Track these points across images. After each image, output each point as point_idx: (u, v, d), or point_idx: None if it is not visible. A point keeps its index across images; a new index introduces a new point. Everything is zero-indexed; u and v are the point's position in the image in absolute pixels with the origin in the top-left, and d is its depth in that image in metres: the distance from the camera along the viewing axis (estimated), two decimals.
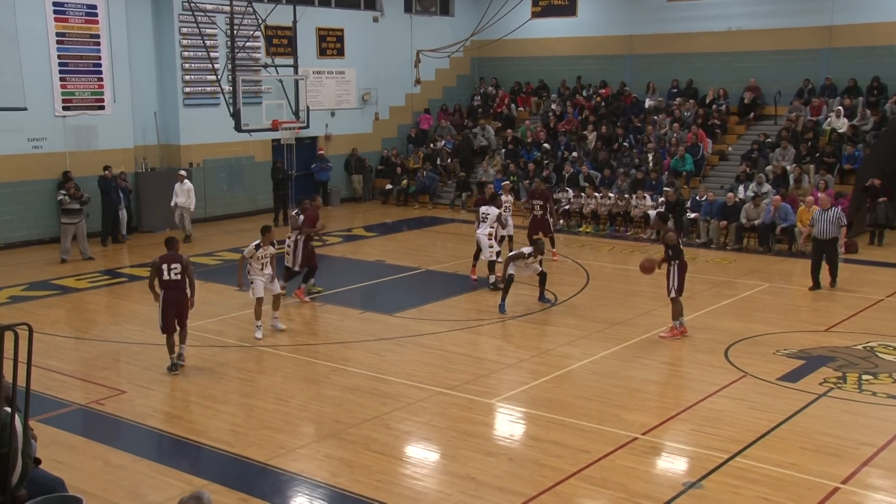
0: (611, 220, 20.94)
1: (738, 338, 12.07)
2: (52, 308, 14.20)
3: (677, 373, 10.68)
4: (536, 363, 11.14)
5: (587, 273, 16.39)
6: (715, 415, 9.26)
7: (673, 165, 21.93)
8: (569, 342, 12.00)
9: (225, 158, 22.86)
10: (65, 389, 10.19)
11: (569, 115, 25.69)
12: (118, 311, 14.25)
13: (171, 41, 21.61)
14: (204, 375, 10.81)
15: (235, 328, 12.93)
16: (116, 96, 20.51)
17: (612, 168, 22.60)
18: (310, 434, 8.98)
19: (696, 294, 14.76)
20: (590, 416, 9.24)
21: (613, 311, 13.66)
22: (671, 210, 19.72)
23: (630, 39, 26.43)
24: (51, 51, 19.30)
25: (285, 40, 22.60)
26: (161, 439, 8.89)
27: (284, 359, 11.44)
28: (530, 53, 28.21)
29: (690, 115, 23.82)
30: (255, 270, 12.34)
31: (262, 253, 12.31)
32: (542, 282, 14.04)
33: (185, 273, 10.84)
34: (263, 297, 12.36)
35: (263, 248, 12.32)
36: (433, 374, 10.66)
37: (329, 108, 25.44)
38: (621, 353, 11.47)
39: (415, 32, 26.98)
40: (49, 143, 19.49)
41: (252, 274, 12.36)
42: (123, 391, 10.16)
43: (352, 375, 10.67)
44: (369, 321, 13.43)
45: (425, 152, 26.53)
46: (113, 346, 12.08)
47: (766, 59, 24.08)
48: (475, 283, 15.57)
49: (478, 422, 9.23)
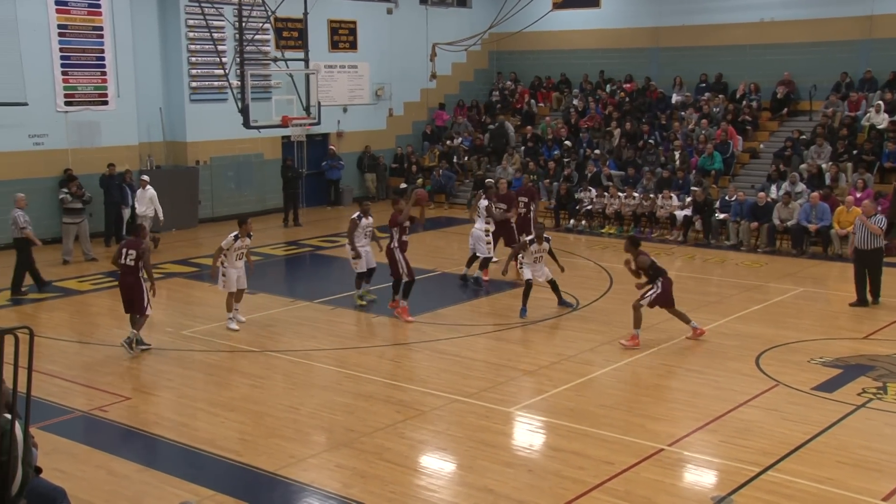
0: (635, 220, 20.86)
1: (770, 345, 11.98)
2: (53, 311, 14.30)
3: (705, 381, 10.62)
4: (557, 370, 11.10)
5: (610, 276, 16.34)
6: (746, 426, 9.20)
7: (701, 164, 21.82)
8: (591, 348, 11.96)
9: (233, 156, 22.96)
10: (67, 395, 10.25)
11: (591, 112, 25.63)
12: (122, 315, 14.28)
13: (177, 34, 21.74)
14: (211, 382, 10.85)
15: (244, 332, 12.97)
16: (120, 91, 20.64)
17: (637, 166, 22.52)
18: (321, 443, 8.99)
19: (725, 299, 14.68)
20: (613, 425, 9.20)
21: None
22: (699, 210, 19.67)
23: (656, 32, 26.34)
24: (52, 43, 19.45)
25: (296, 33, 22.65)
26: (167, 448, 8.92)
27: (295, 364, 11.46)
28: (551, 47, 28.17)
29: (720, 110, 23.70)
30: (230, 262, 12.95)
31: (240, 244, 12.96)
32: (555, 288, 14.00)
33: (140, 261, 11.71)
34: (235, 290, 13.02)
35: (241, 239, 12.96)
36: (449, 381, 10.65)
37: (341, 104, 25.50)
38: (646, 361, 11.41)
39: (430, 25, 27.01)
40: (50, 139, 19.64)
41: (227, 265, 12.95)
42: (128, 397, 10.21)
43: (365, 382, 10.67)
44: (383, 325, 13.43)
45: (441, 150, 26.54)
46: (117, 351, 12.14)
47: (800, 52, 23.92)
48: (487, 284, 15.58)
49: (496, 431, 9.21)
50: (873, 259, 14.09)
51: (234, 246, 12.86)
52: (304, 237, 20.67)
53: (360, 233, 14.06)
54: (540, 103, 27.87)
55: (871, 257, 14.07)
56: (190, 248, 19.54)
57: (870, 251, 14.02)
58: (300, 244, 19.98)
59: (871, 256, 14.06)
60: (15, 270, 15.17)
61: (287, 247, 19.70)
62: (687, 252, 18.83)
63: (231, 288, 13.02)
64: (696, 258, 18.29)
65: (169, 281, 16.30)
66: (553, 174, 23.49)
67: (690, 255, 18.55)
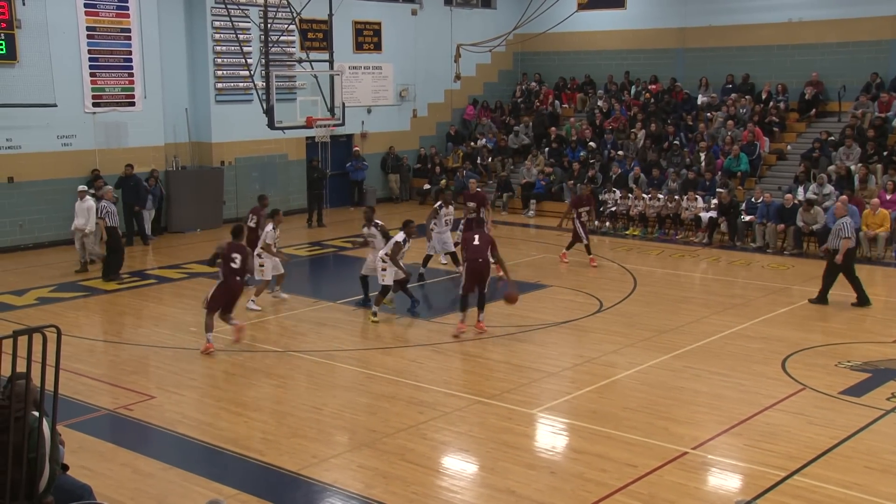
0: (659, 222, 20.76)
1: (797, 348, 11.88)
2: (80, 310, 14.46)
3: (730, 384, 10.54)
4: (580, 372, 11.07)
5: (634, 278, 16.27)
6: (771, 429, 9.12)
7: (727, 165, 21.67)
8: (614, 350, 11.92)
9: (257, 157, 23.10)
10: (93, 394, 10.36)
11: (616, 113, 25.53)
12: (147, 314, 14.45)
13: (203, 35, 21.91)
14: (235, 381, 10.92)
15: (267, 333, 13.05)
16: (147, 92, 20.84)
17: (662, 168, 22.41)
18: (343, 443, 9.02)
19: (751, 301, 14.57)
20: (637, 428, 9.16)
21: (662, 318, 13.54)
22: (725, 212, 19.53)
23: (682, 32, 26.18)
24: (81, 45, 19.67)
25: (321, 34, 22.76)
26: (190, 447, 8.99)
27: (318, 365, 11.51)
28: (576, 48, 28.09)
29: (746, 111, 23.53)
30: (267, 254, 14.00)
31: (278, 234, 14.16)
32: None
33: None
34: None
35: (276, 229, 14.13)
36: (472, 383, 10.66)
37: (365, 105, 25.58)
38: (670, 363, 11.35)
39: (455, 26, 27.02)
40: (78, 140, 19.87)
41: (265, 256, 14.04)
42: (152, 396, 10.30)
43: (387, 383, 10.70)
44: (405, 326, 13.47)
45: (465, 151, 26.54)
46: (142, 350, 12.26)
47: (829, 52, 23.68)
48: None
49: (518, 433, 9.20)
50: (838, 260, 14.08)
51: (274, 237, 14.02)
52: (328, 238, 20.75)
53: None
54: (564, 104, 27.80)
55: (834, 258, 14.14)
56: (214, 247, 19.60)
57: (836, 252, 14.09)
58: (324, 245, 20.06)
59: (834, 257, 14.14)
60: (106, 257, 16.34)
61: (311, 247, 19.78)
62: (712, 254, 18.71)
63: (268, 276, 14.19)
64: (722, 260, 18.16)
65: (193, 281, 16.42)
66: (577, 175, 23.42)
67: (715, 257, 18.43)
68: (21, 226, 19.30)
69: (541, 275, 16.56)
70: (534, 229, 21.37)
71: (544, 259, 18.18)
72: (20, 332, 5.23)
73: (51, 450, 5.49)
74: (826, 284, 14.26)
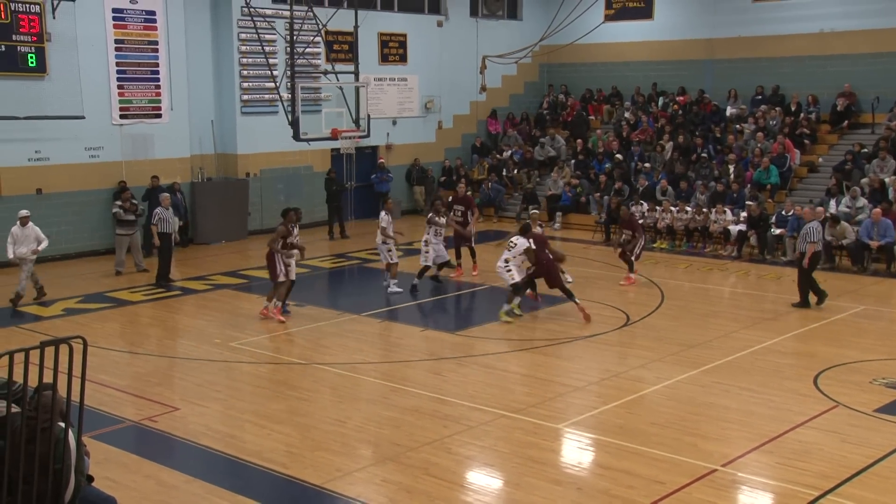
0: (687, 235, 20.63)
1: (829, 364, 11.74)
2: (106, 321, 14.58)
3: (761, 400, 10.43)
4: (606, 386, 11.01)
5: (661, 292, 16.17)
6: (804, 447, 9.01)
7: (756, 177, 21.52)
8: (641, 365, 11.85)
9: (282, 168, 23.25)
10: (118, 405, 10.43)
11: (643, 124, 25.46)
12: (172, 325, 14.56)
13: (229, 48, 22.12)
14: (259, 393, 10.96)
15: (292, 345, 13.09)
16: (173, 104, 21.06)
17: (690, 180, 22.29)
18: (367, 457, 9.03)
19: (781, 316, 14.43)
20: (664, 444, 9.09)
21: (690, 332, 13.45)
22: (754, 225, 19.37)
23: (710, 43, 26.07)
24: (109, 58, 19.93)
25: (346, 46, 22.90)
26: (215, 459, 9.02)
27: (342, 377, 11.53)
28: (602, 59, 28.05)
29: (776, 123, 23.36)
30: (287, 254, 14.20)
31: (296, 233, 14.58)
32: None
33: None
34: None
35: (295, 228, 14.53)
36: (497, 396, 10.63)
37: (390, 117, 25.68)
38: (699, 378, 11.26)
39: (480, 37, 27.09)
40: (105, 152, 20.09)
41: (286, 257, 14.19)
42: (177, 408, 10.36)
43: (411, 396, 10.69)
44: (430, 339, 13.47)
45: (490, 163, 26.55)
46: (167, 362, 12.34)
47: (862, 63, 23.45)
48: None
49: (544, 448, 9.16)
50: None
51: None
52: (352, 250, 20.81)
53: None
54: (591, 116, 27.75)
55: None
56: (240, 259, 19.79)
57: (802, 255, 14.82)
58: (348, 257, 20.12)
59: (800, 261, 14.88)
60: (160, 263, 17.04)
61: (335, 259, 19.85)
62: (741, 268, 18.56)
63: (292, 276, 14.39)
64: (751, 274, 18.01)
65: (217, 292, 16.53)
66: (603, 188, 23.35)
67: (745, 270, 18.28)
68: (48, 237, 19.49)
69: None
70: (560, 242, 21.29)
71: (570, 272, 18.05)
72: (47, 343, 5.28)
73: (76, 461, 5.54)
74: (804, 288, 14.85)
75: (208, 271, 18.43)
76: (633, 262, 16.87)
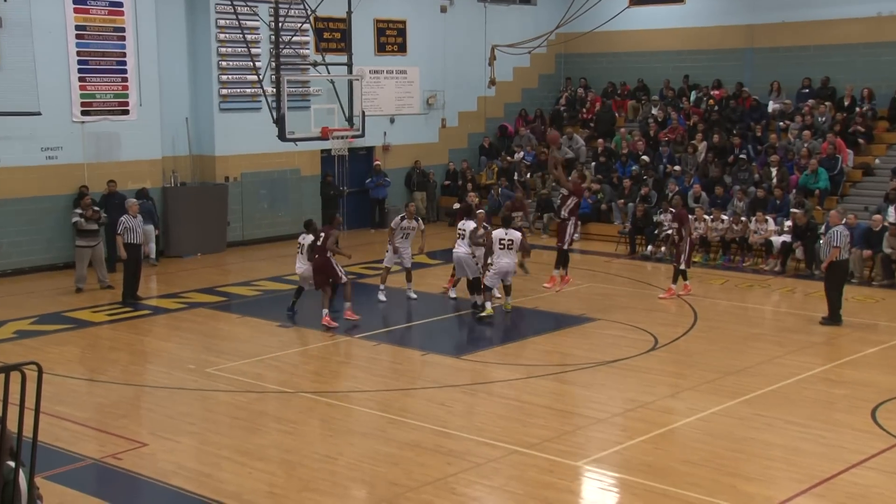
0: (724, 247, 20.60)
1: (890, 396, 11.69)
2: (64, 345, 14.56)
3: (809, 436, 10.38)
4: (632, 418, 10.98)
5: (694, 311, 16.15)
6: (861, 490, 8.97)
7: (802, 182, 21.51)
8: (672, 394, 11.82)
9: (266, 172, 23.29)
10: (77, 441, 10.40)
11: (673, 122, 25.49)
12: (140, 349, 14.55)
13: (206, 36, 22.20)
14: (238, 426, 10.93)
15: (276, 371, 13.07)
16: (143, 99, 21.12)
17: (726, 185, 22.29)
18: (361, 498, 9.01)
19: (833, 340, 14.39)
20: (699, 485, 9.05)
21: (728, 357, 13.42)
22: (800, 236, 19.34)
23: (750, 30, 26.13)
24: (69, 47, 19.97)
25: (338, 34, 23.00)
26: (187, 501, 8.98)
27: (332, 408, 11.51)
28: (627, 49, 28.12)
29: (826, 120, 23.38)
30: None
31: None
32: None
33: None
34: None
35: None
36: (508, 429, 10.60)
37: (388, 114, 25.76)
38: (738, 410, 11.22)
39: (489, 25, 27.18)
40: (65, 152, 20.12)
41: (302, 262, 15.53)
42: (144, 444, 10.33)
43: (411, 429, 10.67)
44: (432, 364, 13.45)
45: (500, 166, 26.58)
46: (133, 391, 12.32)
47: None
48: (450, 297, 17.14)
49: (562, 488, 9.12)
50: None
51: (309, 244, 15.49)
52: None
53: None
54: (614, 113, 27.79)
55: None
56: (217, 275, 19.80)
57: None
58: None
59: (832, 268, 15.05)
60: (125, 277, 17.15)
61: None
62: (786, 284, 18.53)
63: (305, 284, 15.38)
64: (797, 292, 17.97)
65: (192, 312, 16.52)
66: (628, 194, 23.35)
67: (790, 287, 18.24)
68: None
69: (587, 307, 16.47)
70: (578, 255, 21.27)
71: (590, 289, 18.09)
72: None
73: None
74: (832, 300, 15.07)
75: (181, 288, 18.42)
76: (680, 270, 17.00)
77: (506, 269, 15.69)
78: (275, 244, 22.97)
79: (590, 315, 15.89)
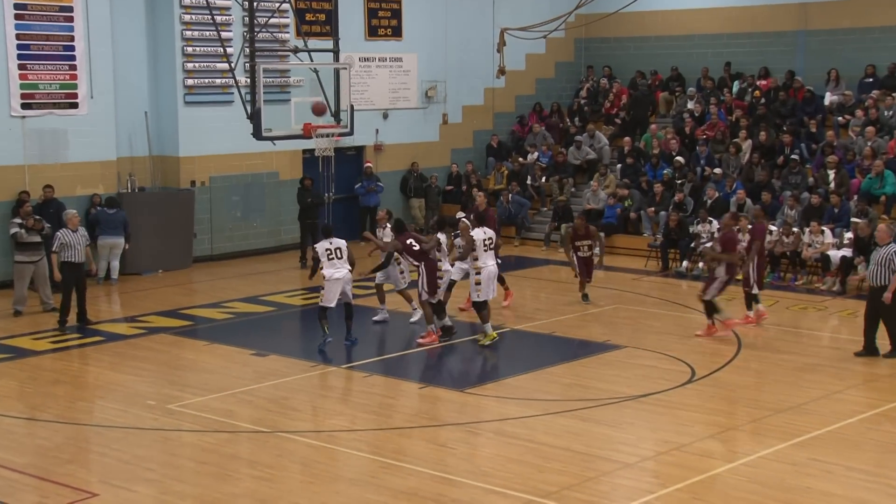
0: (773, 263, 20.59)
1: None
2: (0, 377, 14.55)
3: (876, 485, 10.36)
4: (665, 463, 10.98)
5: (738, 337, 16.13)
6: None
7: (865, 187, 21.53)
8: (712, 434, 11.81)
9: (239, 175, 23.32)
10: (13, 491, 10.36)
11: (712, 118, 25.53)
12: (90, 382, 14.54)
13: (169, 17, 22.24)
14: (205, 472, 10.90)
15: (250, 407, 13.05)
16: (94, 91, 21.15)
17: (775, 191, 22.31)
18: None
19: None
20: None
21: (777, 392, 13.42)
22: (863, 250, 19.31)
23: (804, 9, 26.21)
24: (6, 28, 19.97)
25: (322, 16, 23.05)
26: None
27: (316, 450, 11.49)
28: (658, 32, 28.25)
29: (893, 114, 23.42)
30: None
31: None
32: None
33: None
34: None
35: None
36: (520, 475, 10.58)
37: (381, 108, 25.82)
38: (790, 454, 11.20)
39: (498, 5, 27.25)
40: (2, 153, 20.11)
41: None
42: (94, 493, 10.28)
43: (407, 474, 10.65)
44: (431, 399, 13.45)
45: (511, 168, 26.60)
46: (81, 431, 12.27)
47: None
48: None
49: None
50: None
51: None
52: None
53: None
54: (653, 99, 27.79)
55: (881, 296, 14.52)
56: (181, 295, 19.80)
57: (880, 289, 14.52)
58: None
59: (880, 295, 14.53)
60: (62, 301, 17.12)
61: (307, 294, 19.83)
62: (846, 306, 18.50)
63: (330, 303, 15.41)
64: (859, 315, 17.87)
65: (151, 338, 16.51)
66: (660, 201, 23.36)
67: (851, 310, 18.19)
68: None
69: (612, 332, 16.48)
70: (602, 272, 21.25)
71: (616, 311, 18.09)
72: None
73: None
74: (870, 330, 14.88)
75: (140, 310, 18.43)
76: (713, 304, 16.24)
77: (494, 272, 15.85)
78: (249, 259, 22.99)
79: (615, 342, 15.88)
